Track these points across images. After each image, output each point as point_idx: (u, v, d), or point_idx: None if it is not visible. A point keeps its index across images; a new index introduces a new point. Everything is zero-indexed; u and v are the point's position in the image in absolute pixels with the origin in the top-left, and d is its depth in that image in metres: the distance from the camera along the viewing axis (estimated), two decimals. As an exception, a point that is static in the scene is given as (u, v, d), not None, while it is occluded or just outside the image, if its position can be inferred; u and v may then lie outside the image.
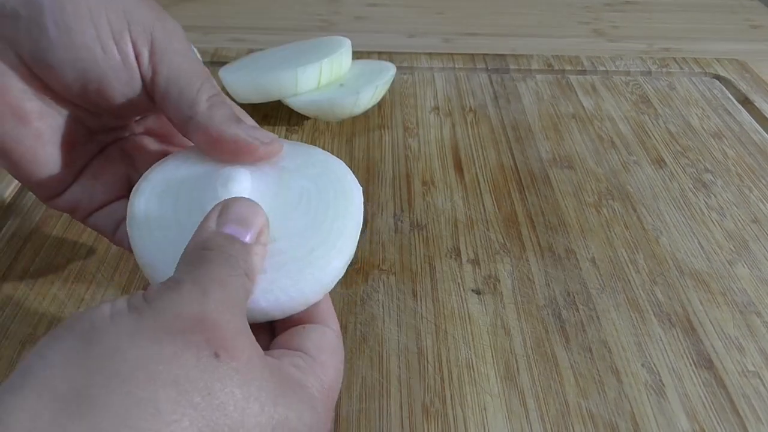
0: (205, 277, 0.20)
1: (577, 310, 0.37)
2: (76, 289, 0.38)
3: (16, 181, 0.46)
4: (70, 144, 0.28)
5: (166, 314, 0.19)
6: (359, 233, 0.26)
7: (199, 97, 0.26)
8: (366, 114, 0.55)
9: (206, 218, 0.23)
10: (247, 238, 0.22)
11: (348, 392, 0.33)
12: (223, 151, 0.26)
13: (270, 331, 0.25)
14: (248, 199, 0.24)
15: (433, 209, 0.45)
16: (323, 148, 0.30)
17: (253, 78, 0.51)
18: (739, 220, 0.45)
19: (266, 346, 0.24)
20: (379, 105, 0.56)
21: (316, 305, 0.25)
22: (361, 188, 0.27)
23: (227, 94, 0.48)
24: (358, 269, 0.40)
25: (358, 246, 0.26)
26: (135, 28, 0.25)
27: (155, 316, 0.18)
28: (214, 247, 0.21)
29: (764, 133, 0.54)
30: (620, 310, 0.38)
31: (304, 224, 0.25)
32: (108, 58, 0.25)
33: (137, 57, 0.26)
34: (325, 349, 0.23)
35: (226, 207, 0.23)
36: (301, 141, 0.51)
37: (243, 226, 0.22)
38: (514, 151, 0.51)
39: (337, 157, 0.29)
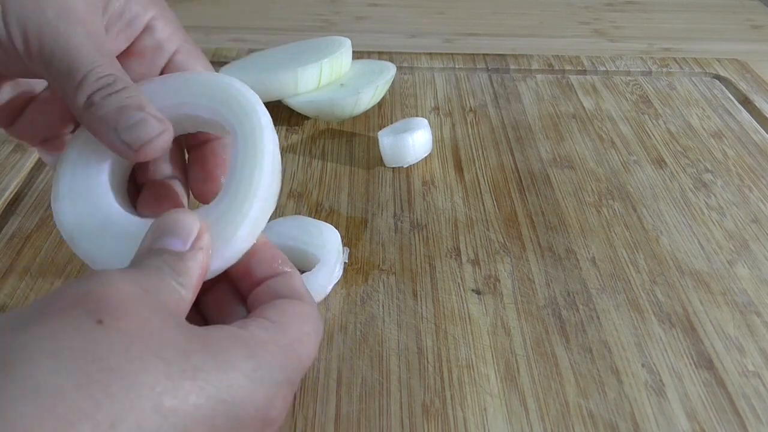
0: (115, 272, 0.20)
1: (577, 310, 0.37)
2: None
3: (16, 181, 0.46)
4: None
5: (49, 301, 0.18)
6: (274, 183, 0.25)
7: (77, 97, 0.24)
8: (366, 114, 0.55)
9: (143, 239, 0.23)
10: (181, 246, 0.22)
11: (348, 392, 0.33)
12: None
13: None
14: (180, 210, 0.23)
15: (433, 209, 0.45)
16: (323, 149, 0.30)
17: (253, 78, 0.51)
18: (739, 220, 0.45)
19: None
20: (379, 105, 0.56)
21: (287, 284, 0.24)
22: (275, 133, 0.26)
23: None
24: (358, 269, 0.40)
25: (358, 246, 0.26)
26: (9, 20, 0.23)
27: (39, 305, 0.18)
28: (143, 262, 0.21)
29: (764, 133, 0.54)
30: (620, 310, 0.37)
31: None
32: None
33: (17, 48, 0.24)
34: (289, 314, 0.23)
35: (158, 222, 0.23)
36: (301, 141, 0.51)
37: (175, 236, 0.22)
38: (514, 151, 0.51)
39: (337, 157, 0.29)
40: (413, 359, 0.34)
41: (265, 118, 0.25)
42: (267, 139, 0.25)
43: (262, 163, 0.24)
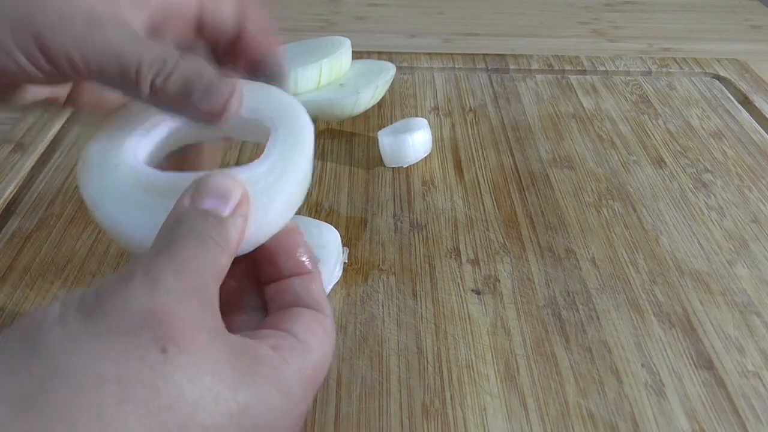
0: (161, 263, 0.20)
1: (577, 310, 0.37)
2: (76, 289, 0.38)
3: (16, 181, 0.46)
4: None
5: (114, 312, 0.18)
6: (308, 175, 0.25)
7: (142, 91, 0.24)
8: (366, 114, 0.55)
9: (182, 195, 0.22)
10: (225, 211, 0.22)
11: (348, 392, 0.33)
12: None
13: (263, 309, 0.25)
14: (226, 172, 0.23)
15: (433, 209, 0.45)
16: (323, 149, 0.29)
17: (253, 78, 0.51)
18: (739, 220, 0.45)
19: (258, 325, 0.24)
20: (379, 105, 0.56)
21: (309, 290, 0.24)
22: (312, 125, 0.26)
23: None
24: (358, 269, 0.40)
25: (358, 246, 0.26)
26: (47, 42, 0.23)
27: (104, 315, 0.18)
28: (186, 223, 0.21)
29: (764, 133, 0.54)
30: (620, 310, 0.38)
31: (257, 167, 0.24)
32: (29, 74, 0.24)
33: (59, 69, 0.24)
34: (315, 331, 0.23)
35: (201, 182, 0.22)
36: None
37: (220, 199, 0.22)
38: (514, 151, 0.51)
39: (337, 157, 0.29)
40: (413, 359, 0.34)
41: (305, 117, 0.26)
42: (308, 133, 0.25)
43: (302, 149, 0.24)
